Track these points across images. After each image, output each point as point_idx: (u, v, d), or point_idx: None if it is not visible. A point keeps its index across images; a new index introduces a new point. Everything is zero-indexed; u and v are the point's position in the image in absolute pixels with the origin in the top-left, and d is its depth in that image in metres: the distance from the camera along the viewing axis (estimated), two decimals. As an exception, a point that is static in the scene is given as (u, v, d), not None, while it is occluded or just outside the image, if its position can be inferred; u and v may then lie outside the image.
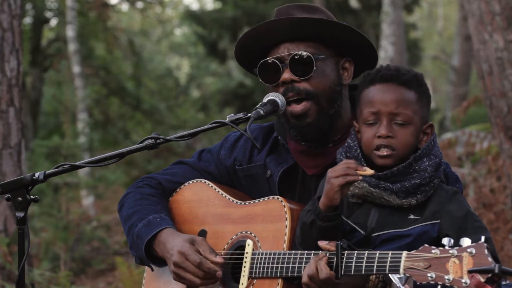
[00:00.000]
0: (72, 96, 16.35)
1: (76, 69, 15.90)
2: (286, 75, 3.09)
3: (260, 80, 3.18)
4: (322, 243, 2.78)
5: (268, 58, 3.15)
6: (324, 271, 2.72)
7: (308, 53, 3.08)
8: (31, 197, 2.84)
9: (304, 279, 2.79)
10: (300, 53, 3.08)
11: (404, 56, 16.49)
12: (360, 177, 2.76)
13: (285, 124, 3.16)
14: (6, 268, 5.83)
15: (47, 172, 2.87)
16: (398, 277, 2.57)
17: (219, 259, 3.02)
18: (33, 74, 18.50)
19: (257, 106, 3.04)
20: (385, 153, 2.84)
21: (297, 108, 3.08)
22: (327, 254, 2.76)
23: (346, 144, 2.98)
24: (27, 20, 18.47)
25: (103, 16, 18.45)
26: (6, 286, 5.82)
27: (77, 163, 2.91)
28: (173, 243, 3.07)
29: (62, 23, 18.04)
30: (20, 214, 2.82)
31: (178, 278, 3.06)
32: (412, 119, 2.86)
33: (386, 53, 14.38)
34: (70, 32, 15.97)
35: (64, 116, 17.30)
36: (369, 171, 2.77)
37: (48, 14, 19.43)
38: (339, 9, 18.49)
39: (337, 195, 2.76)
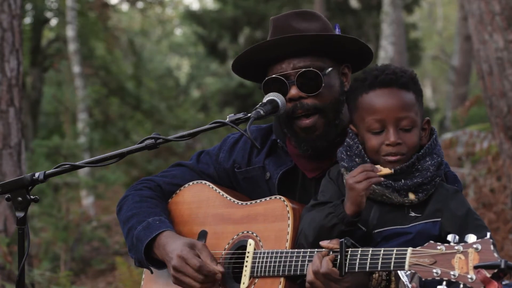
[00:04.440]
0: (72, 96, 16.35)
1: (76, 69, 15.91)
2: (294, 91, 3.06)
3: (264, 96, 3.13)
4: (324, 243, 2.78)
5: (273, 75, 3.10)
6: (325, 266, 2.71)
7: (316, 70, 3.05)
8: (31, 197, 2.84)
9: (309, 277, 2.78)
10: (307, 70, 3.05)
11: (404, 56, 16.48)
12: (382, 178, 2.77)
13: (293, 138, 3.14)
14: (6, 268, 5.83)
15: (47, 172, 2.87)
16: (405, 274, 2.57)
17: (219, 268, 3.00)
18: (33, 74, 18.51)
19: (257, 106, 3.03)
20: (394, 158, 2.85)
21: (306, 121, 3.07)
22: (331, 251, 2.76)
23: (345, 143, 2.98)
24: (27, 20, 18.48)
25: (103, 16, 18.47)
26: (6, 286, 5.81)
27: (77, 163, 2.91)
28: (172, 246, 3.06)
29: (62, 23, 18.05)
30: (20, 214, 2.82)
31: (178, 282, 3.05)
32: (416, 121, 2.88)
33: (386, 53, 14.36)
34: (70, 32, 15.97)
35: (64, 116, 17.32)
36: (386, 170, 2.79)
37: (48, 14, 19.44)
38: (339, 9, 18.49)
39: (363, 199, 2.77)
